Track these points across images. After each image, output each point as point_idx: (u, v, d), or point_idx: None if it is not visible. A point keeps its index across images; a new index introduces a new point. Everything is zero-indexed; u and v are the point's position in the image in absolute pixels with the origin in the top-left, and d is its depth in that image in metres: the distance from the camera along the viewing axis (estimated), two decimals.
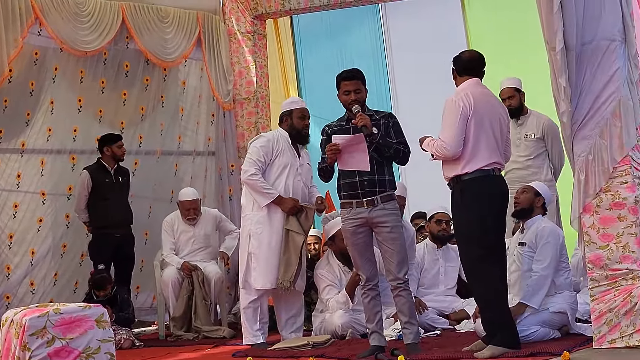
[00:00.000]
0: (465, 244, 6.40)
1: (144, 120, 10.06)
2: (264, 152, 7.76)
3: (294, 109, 7.90)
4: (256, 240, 7.74)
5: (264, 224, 7.73)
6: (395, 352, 6.46)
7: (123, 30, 9.59)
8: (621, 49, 6.18)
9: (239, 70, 10.57)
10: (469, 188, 6.30)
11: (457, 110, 6.27)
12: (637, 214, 6.08)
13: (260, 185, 7.70)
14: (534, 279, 6.87)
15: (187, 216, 9.26)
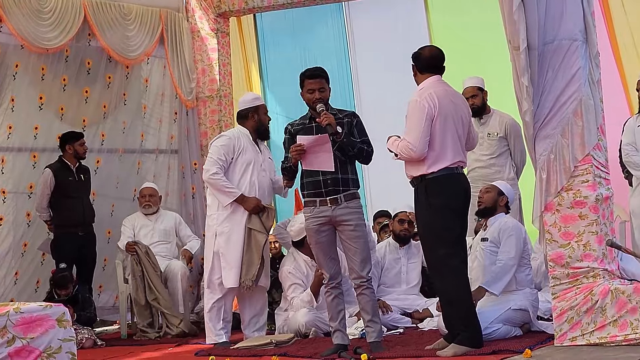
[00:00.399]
0: (430, 242, 6.40)
1: (106, 118, 9.99)
2: (225, 151, 7.75)
3: (259, 105, 7.94)
4: (224, 239, 7.72)
5: (230, 222, 7.72)
6: (358, 350, 6.47)
7: (85, 28, 9.52)
8: (583, 49, 6.23)
9: (202, 68, 10.53)
10: (434, 186, 6.31)
11: (422, 112, 6.26)
12: (598, 212, 6.13)
13: (222, 184, 7.68)
14: (498, 266, 6.90)
15: (144, 204, 9.25)
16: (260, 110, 7.90)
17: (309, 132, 6.70)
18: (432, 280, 6.54)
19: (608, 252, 6.17)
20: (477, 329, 6.32)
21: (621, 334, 5.94)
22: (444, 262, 6.30)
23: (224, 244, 7.72)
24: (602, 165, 6.25)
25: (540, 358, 5.72)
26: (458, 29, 10.86)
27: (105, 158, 9.93)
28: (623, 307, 5.96)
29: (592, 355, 5.63)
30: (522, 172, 8.54)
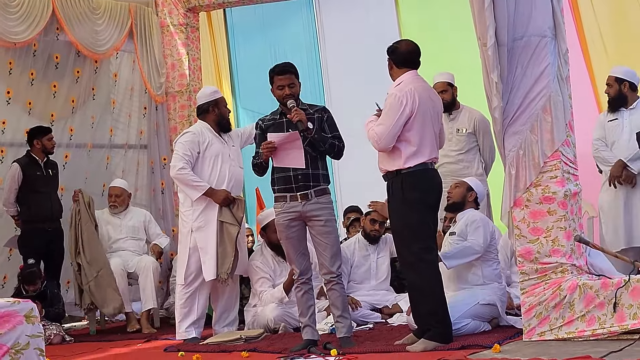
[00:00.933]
0: (404, 237, 6.38)
1: (75, 112, 9.92)
2: (190, 147, 7.75)
3: (218, 98, 7.98)
4: (202, 234, 7.72)
5: (206, 216, 7.72)
6: (328, 345, 6.48)
7: (53, 22, 9.44)
8: (552, 45, 6.26)
9: (172, 63, 10.49)
10: (410, 181, 6.32)
11: (399, 108, 6.28)
12: (567, 208, 6.16)
13: (189, 179, 7.67)
14: (463, 244, 6.92)
15: (110, 203, 9.23)
16: (220, 103, 7.93)
17: (280, 128, 6.70)
18: (405, 276, 6.51)
19: (576, 248, 6.21)
20: (448, 325, 6.34)
21: (589, 328, 5.98)
22: (419, 257, 6.31)
23: (202, 239, 7.72)
24: (571, 161, 6.28)
25: (509, 353, 5.75)
26: (428, 24, 10.89)
27: (73, 153, 9.85)
28: (591, 302, 6.00)
29: (561, 350, 5.66)
30: (491, 169, 8.57)
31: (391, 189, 6.41)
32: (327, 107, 7.01)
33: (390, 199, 6.47)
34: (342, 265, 6.86)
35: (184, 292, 7.78)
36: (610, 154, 8.19)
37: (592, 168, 8.58)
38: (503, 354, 5.74)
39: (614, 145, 8.21)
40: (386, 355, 6.21)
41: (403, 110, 6.27)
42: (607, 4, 9.90)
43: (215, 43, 11.72)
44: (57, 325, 8.48)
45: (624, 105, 8.25)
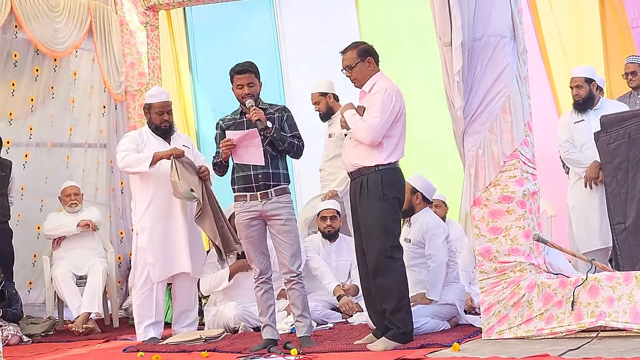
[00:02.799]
0: (377, 235, 6.32)
1: (34, 111, 9.84)
2: (129, 143, 7.78)
3: (152, 104, 7.87)
4: (145, 236, 7.69)
5: (150, 217, 7.68)
6: (288, 345, 6.47)
7: (12, 19, 9.33)
8: (511, 46, 6.31)
9: (131, 62, 10.43)
10: (389, 177, 6.33)
11: (390, 105, 6.29)
12: (525, 207, 6.20)
13: (131, 158, 7.65)
14: (432, 272, 6.96)
15: (69, 203, 9.15)
16: (151, 109, 7.85)
17: (240, 127, 6.70)
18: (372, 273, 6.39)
19: (535, 247, 6.25)
20: (410, 326, 6.34)
21: (547, 327, 6.02)
22: (390, 256, 6.30)
23: (146, 240, 7.68)
24: (529, 161, 6.33)
25: (469, 352, 5.77)
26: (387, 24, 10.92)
27: (33, 152, 9.76)
28: (549, 301, 6.04)
29: (520, 348, 5.69)
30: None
31: (366, 185, 6.35)
32: (287, 107, 7.00)
33: (360, 196, 6.40)
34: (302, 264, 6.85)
35: (139, 293, 7.75)
36: (582, 156, 8.22)
37: (551, 167, 8.64)
38: (462, 352, 5.77)
39: (584, 146, 8.23)
40: (346, 354, 6.21)
41: (394, 106, 6.31)
42: (566, 3, 10.00)
43: (175, 42, 11.66)
44: (14, 326, 8.40)
45: (590, 106, 8.28)
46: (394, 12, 10.94)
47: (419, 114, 9.08)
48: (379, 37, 10.51)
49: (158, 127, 7.79)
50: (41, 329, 8.74)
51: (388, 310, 6.29)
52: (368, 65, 6.47)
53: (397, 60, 10.09)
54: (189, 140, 8.13)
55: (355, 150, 6.41)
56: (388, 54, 10.09)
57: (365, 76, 6.46)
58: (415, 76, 9.73)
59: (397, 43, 10.58)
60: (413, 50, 10.42)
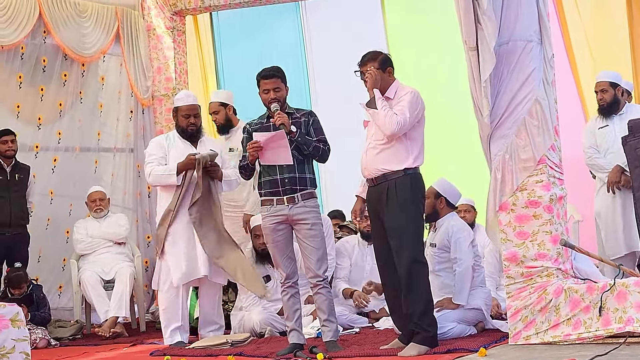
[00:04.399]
0: (408, 239, 6.30)
1: (63, 116, 9.91)
2: (155, 149, 7.81)
3: (179, 107, 7.87)
4: (167, 240, 7.71)
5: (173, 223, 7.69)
6: (314, 349, 6.48)
7: (40, 25, 9.41)
8: (537, 50, 6.29)
9: (158, 67, 10.49)
10: (417, 181, 6.36)
11: (417, 106, 6.35)
12: (552, 212, 6.18)
13: (159, 174, 7.67)
14: (458, 277, 6.95)
15: (95, 208, 9.19)
16: (178, 112, 7.85)
17: (266, 131, 6.71)
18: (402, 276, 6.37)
19: (562, 252, 6.23)
20: (436, 328, 6.35)
21: (575, 332, 5.99)
22: (419, 259, 6.32)
23: (169, 244, 7.70)
24: (556, 166, 6.31)
25: (495, 357, 5.76)
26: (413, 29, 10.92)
27: (62, 157, 9.83)
28: (576, 306, 6.02)
29: (546, 353, 5.68)
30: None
31: (394, 190, 6.33)
32: (313, 111, 7.01)
33: (387, 200, 6.36)
34: (328, 268, 6.85)
35: (165, 297, 7.77)
36: (605, 161, 8.19)
37: (578, 172, 8.61)
38: (489, 358, 5.76)
39: (608, 152, 8.21)
40: (373, 359, 6.22)
41: (420, 108, 6.36)
42: (593, 8, 9.95)
43: (202, 47, 11.70)
44: (42, 329, 8.45)
45: (615, 111, 8.25)
46: (420, 16, 10.94)
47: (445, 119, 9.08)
48: (405, 41, 10.52)
49: (185, 130, 7.82)
50: (69, 332, 8.78)
51: (417, 314, 6.28)
52: (388, 75, 6.50)
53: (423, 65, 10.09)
54: (217, 145, 8.13)
55: (380, 155, 6.40)
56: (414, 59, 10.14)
57: (384, 85, 6.47)
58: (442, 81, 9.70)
59: (423, 48, 10.57)
60: (439, 55, 10.41)
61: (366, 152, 6.51)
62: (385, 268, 6.53)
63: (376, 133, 6.45)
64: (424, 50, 10.50)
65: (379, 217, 6.48)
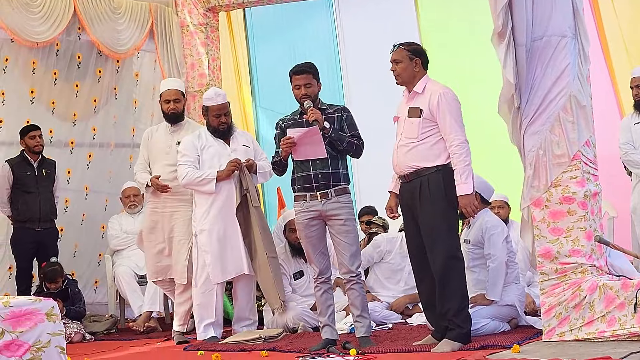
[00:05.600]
0: (443, 235, 6.28)
1: (97, 112, 9.99)
2: (188, 148, 7.79)
3: (209, 106, 7.84)
4: (202, 237, 7.73)
5: (209, 219, 7.72)
6: (347, 345, 6.48)
7: (75, 21, 9.48)
8: (572, 45, 6.25)
9: (192, 63, 10.52)
10: (449, 178, 6.30)
11: (458, 108, 6.32)
12: (587, 208, 6.14)
13: (195, 179, 7.67)
14: (491, 272, 6.93)
15: (129, 204, 9.26)
16: (209, 112, 7.83)
17: (299, 127, 6.72)
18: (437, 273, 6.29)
19: (597, 248, 6.19)
20: (470, 325, 6.33)
21: (609, 329, 5.96)
22: (456, 256, 6.31)
23: (205, 241, 7.73)
24: (591, 162, 6.27)
25: (529, 353, 5.74)
26: (447, 25, 10.89)
27: (97, 152, 9.92)
28: (611, 303, 5.98)
29: (581, 350, 5.65)
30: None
31: (427, 186, 6.30)
32: (346, 107, 7.00)
33: (420, 196, 6.32)
34: (361, 264, 6.85)
35: (199, 293, 7.80)
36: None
37: (613, 168, 8.56)
38: (522, 354, 5.73)
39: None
40: (406, 355, 6.21)
41: (459, 108, 6.33)
42: (628, 2, 9.88)
43: (235, 43, 11.74)
44: (77, 324, 8.52)
45: None
46: (453, 11, 10.91)
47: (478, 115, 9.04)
48: (439, 37, 10.50)
49: (216, 129, 7.83)
50: (103, 327, 8.85)
51: (452, 310, 6.26)
52: (414, 66, 6.43)
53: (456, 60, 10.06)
54: (249, 139, 8.14)
55: (412, 152, 6.36)
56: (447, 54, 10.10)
57: (408, 75, 6.43)
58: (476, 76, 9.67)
59: (457, 43, 10.54)
60: (473, 50, 10.37)
61: (397, 149, 6.48)
62: (419, 265, 6.52)
63: (406, 130, 6.41)
64: (458, 45, 10.46)
65: (412, 214, 6.47)
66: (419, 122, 6.33)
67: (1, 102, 9.09)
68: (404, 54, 6.43)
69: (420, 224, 6.39)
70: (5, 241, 9.04)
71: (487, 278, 7.02)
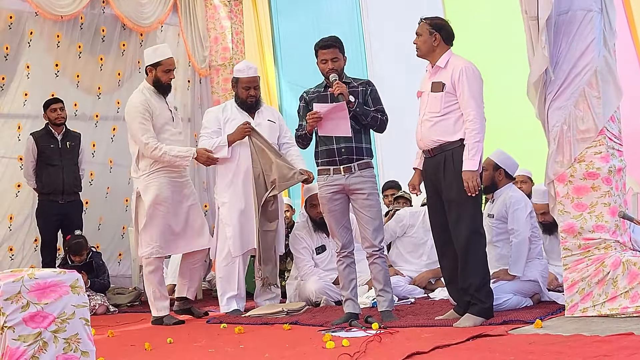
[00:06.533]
0: (468, 212, 6.24)
1: (121, 85, 10.02)
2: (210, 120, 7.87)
3: (239, 78, 7.88)
4: (226, 209, 7.77)
5: (229, 192, 7.75)
6: (370, 319, 6.49)
7: None
8: (597, 19, 6.20)
9: (215, 37, 10.52)
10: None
11: (479, 84, 6.24)
12: (611, 184, 6.12)
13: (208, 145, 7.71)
14: (513, 248, 6.91)
15: None
16: (239, 84, 7.86)
17: (323, 100, 6.72)
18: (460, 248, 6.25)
19: (620, 224, 6.17)
20: (492, 300, 6.32)
21: (632, 305, 5.94)
22: (478, 230, 6.26)
23: (226, 214, 7.76)
24: (616, 137, 6.23)
25: (551, 329, 5.73)
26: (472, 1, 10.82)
27: (120, 126, 9.93)
28: (634, 279, 5.96)
29: (603, 326, 5.64)
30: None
31: (451, 160, 6.24)
32: (371, 81, 6.98)
33: (445, 171, 6.27)
34: (384, 238, 6.85)
35: (222, 266, 7.84)
36: None
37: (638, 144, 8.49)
38: (545, 329, 5.73)
39: None
40: (428, 329, 6.20)
41: (480, 84, 6.25)
42: None
43: (259, 16, 11.72)
44: (101, 296, 8.58)
45: None
46: None
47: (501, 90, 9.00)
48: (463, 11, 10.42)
49: (244, 101, 7.85)
50: (127, 299, 8.91)
51: (474, 285, 6.23)
52: (433, 40, 6.36)
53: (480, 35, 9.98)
54: (274, 114, 8.16)
55: (436, 127, 6.30)
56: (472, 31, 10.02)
57: (427, 49, 6.37)
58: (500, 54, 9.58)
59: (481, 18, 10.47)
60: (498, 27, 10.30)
61: (421, 123, 6.43)
62: (441, 240, 6.50)
63: (430, 104, 6.37)
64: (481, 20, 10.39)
65: (435, 188, 6.43)
66: (441, 96, 6.29)
67: (26, 75, 9.14)
68: (425, 28, 6.40)
69: (444, 198, 6.35)
70: (30, 213, 9.10)
71: (509, 253, 7.01)
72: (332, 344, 5.57)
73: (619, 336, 5.18)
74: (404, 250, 8.56)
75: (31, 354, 4.41)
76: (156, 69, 7.64)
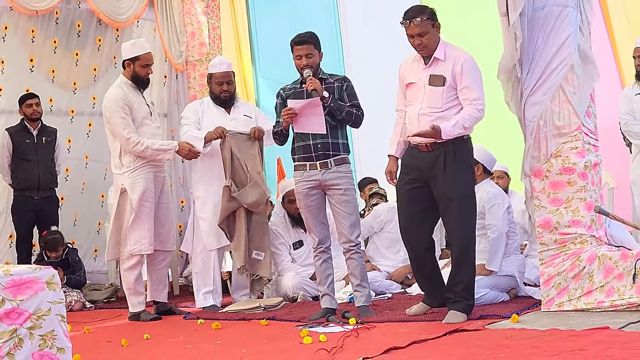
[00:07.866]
0: (468, 207, 6.18)
1: (97, 81, 9.97)
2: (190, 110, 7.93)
3: (213, 73, 7.91)
4: (200, 203, 7.78)
5: (205, 185, 7.76)
6: (347, 314, 6.50)
7: None
8: (573, 15, 6.22)
9: (192, 32, 10.49)
10: (471, 147, 6.23)
11: (480, 75, 6.15)
12: (587, 179, 6.14)
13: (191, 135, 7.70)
14: (490, 243, 6.91)
15: None
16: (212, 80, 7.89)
17: (299, 97, 6.71)
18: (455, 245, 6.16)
19: (596, 219, 6.19)
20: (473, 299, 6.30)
21: (608, 299, 5.97)
22: (473, 229, 6.21)
23: (201, 207, 7.77)
24: (591, 132, 6.26)
25: (528, 323, 5.75)
26: None
27: (97, 121, 9.89)
28: (610, 273, 5.99)
29: (579, 320, 5.66)
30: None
31: (452, 155, 6.10)
32: (347, 77, 6.98)
33: (445, 165, 6.11)
34: (360, 234, 6.84)
35: (198, 260, 7.84)
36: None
37: (613, 139, 8.55)
38: (521, 324, 5.74)
39: None
40: (405, 324, 6.21)
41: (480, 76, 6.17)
42: None
43: (236, 11, 11.70)
44: (78, 292, 8.55)
45: None
46: None
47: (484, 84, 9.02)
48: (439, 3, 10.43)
49: (218, 97, 7.86)
50: (103, 295, 8.88)
51: (464, 283, 6.15)
52: (437, 31, 6.23)
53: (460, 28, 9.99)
54: (251, 109, 8.16)
55: (436, 122, 6.05)
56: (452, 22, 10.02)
57: (435, 42, 6.20)
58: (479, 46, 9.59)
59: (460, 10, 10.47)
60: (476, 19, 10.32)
61: (418, 117, 6.20)
62: (411, 233, 6.37)
63: (429, 98, 6.17)
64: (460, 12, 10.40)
65: (424, 181, 6.23)
66: (442, 90, 6.14)
67: (1, 70, 9.07)
68: (427, 25, 6.16)
69: (440, 195, 6.18)
70: (6, 209, 9.05)
71: (487, 248, 7.02)
72: (310, 339, 5.58)
73: (595, 330, 5.21)
74: (381, 246, 8.58)
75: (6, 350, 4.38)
76: (134, 63, 7.58)
